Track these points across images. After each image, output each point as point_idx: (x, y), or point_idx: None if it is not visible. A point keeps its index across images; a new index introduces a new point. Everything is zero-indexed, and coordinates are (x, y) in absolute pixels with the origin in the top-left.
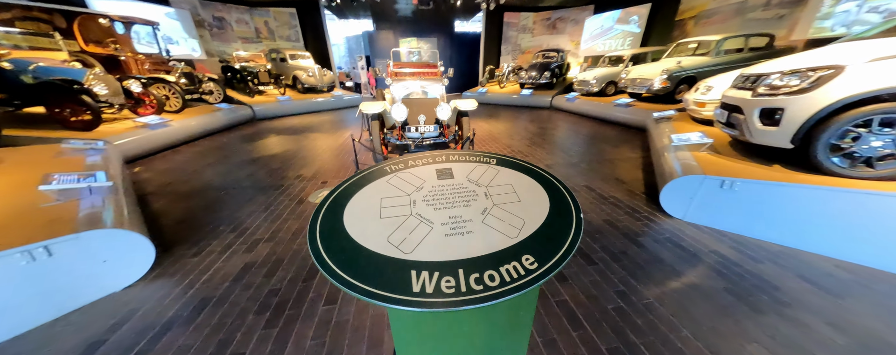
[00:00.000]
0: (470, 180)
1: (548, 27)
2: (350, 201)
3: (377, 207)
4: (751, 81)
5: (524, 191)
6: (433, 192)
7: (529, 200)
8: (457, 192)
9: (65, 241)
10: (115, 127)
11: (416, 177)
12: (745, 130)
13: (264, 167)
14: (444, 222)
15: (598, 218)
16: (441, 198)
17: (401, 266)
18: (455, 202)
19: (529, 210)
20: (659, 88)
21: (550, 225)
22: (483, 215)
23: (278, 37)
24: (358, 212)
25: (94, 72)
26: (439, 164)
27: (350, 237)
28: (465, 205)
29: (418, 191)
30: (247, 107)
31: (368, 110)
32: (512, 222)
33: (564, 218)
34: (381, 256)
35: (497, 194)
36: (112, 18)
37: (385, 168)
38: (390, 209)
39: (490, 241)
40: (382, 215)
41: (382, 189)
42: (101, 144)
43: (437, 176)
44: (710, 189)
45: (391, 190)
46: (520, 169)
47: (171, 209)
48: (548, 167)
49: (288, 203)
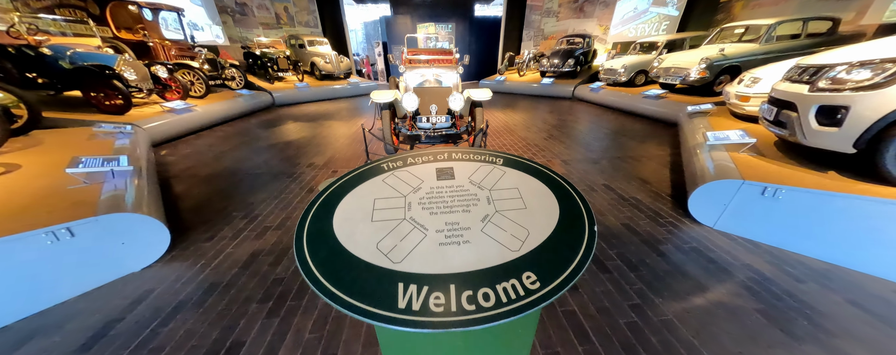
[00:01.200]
0: (472, 182)
1: (575, 10)
2: (343, 200)
3: (370, 208)
4: (809, 74)
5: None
6: (431, 194)
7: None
8: (456, 195)
9: (86, 223)
10: (145, 111)
11: (414, 176)
12: (797, 130)
13: (279, 154)
14: (440, 229)
15: (615, 221)
16: (439, 201)
17: (387, 277)
18: (453, 206)
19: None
20: (696, 79)
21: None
22: (483, 223)
23: (298, 22)
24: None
25: (124, 58)
26: (440, 163)
27: (338, 241)
28: (463, 210)
29: (415, 192)
30: (267, 94)
31: (379, 99)
32: (515, 232)
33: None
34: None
35: (500, 199)
36: (140, 5)
37: (382, 165)
38: (383, 211)
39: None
40: (374, 218)
41: (377, 188)
42: (129, 128)
43: (436, 176)
44: (748, 196)
45: (386, 190)
46: (529, 170)
47: (190, 193)
48: (565, 163)
49: (298, 191)
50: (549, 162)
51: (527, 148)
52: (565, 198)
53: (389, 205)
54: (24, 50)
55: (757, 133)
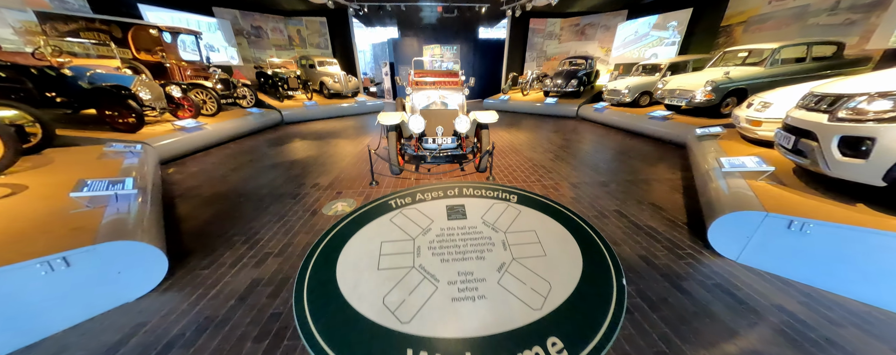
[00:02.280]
0: (485, 222)
1: (576, 33)
2: (348, 242)
3: (376, 253)
4: (827, 103)
5: (551, 240)
6: (441, 237)
7: (557, 254)
8: (469, 238)
9: (83, 252)
10: (156, 129)
11: (423, 215)
12: (819, 160)
13: (284, 173)
14: (452, 280)
15: (632, 252)
16: (450, 245)
17: (395, 341)
18: (466, 252)
19: (557, 269)
20: (702, 101)
21: (584, 293)
22: (499, 273)
23: (309, 44)
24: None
25: (141, 78)
26: (451, 200)
27: (341, 295)
28: (477, 256)
29: (424, 234)
30: (276, 112)
31: (386, 121)
32: (535, 286)
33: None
34: (374, 326)
35: (517, 244)
36: (161, 29)
37: (390, 202)
38: (391, 258)
39: (507, 313)
40: (381, 265)
41: (385, 229)
42: (138, 147)
43: (447, 214)
44: (773, 229)
45: (394, 231)
46: (545, 210)
47: (193, 214)
48: (574, 186)
49: (301, 214)
50: (558, 184)
51: (533, 169)
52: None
53: (397, 250)
54: (46, 70)
55: (772, 159)
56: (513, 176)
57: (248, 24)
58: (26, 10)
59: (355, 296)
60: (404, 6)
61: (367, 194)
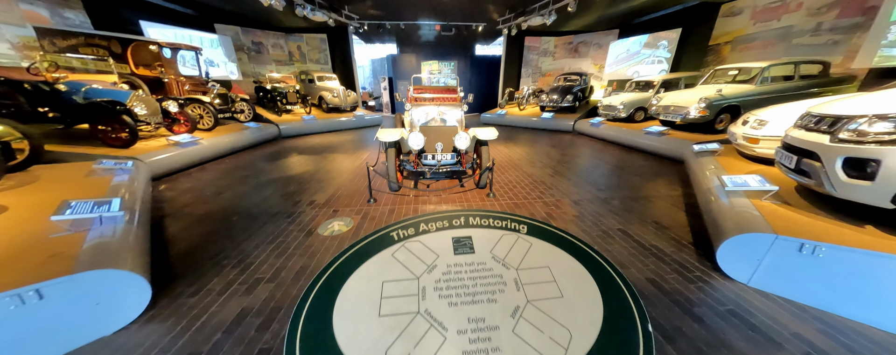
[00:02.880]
0: (495, 257)
1: (570, 51)
2: (347, 282)
3: (377, 296)
4: (827, 124)
5: (567, 278)
6: (448, 275)
7: (574, 295)
8: (478, 277)
9: (58, 283)
10: (150, 144)
11: (427, 249)
12: (823, 181)
13: (280, 190)
14: (462, 329)
15: (639, 275)
16: (458, 285)
17: None
18: (476, 293)
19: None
20: (696, 117)
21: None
22: (514, 319)
23: (309, 60)
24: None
25: (137, 94)
26: (457, 231)
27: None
28: (489, 299)
29: (429, 271)
30: (273, 126)
31: (385, 138)
32: (553, 334)
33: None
34: None
35: (531, 283)
36: (161, 45)
37: (391, 234)
38: (393, 301)
39: None
40: (383, 310)
41: (386, 266)
42: (129, 164)
43: (453, 248)
44: (784, 251)
45: (396, 268)
46: (558, 242)
47: (182, 235)
48: (575, 203)
49: (296, 234)
50: (559, 201)
51: (534, 186)
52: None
53: (400, 291)
54: (40, 85)
55: (774, 177)
56: (513, 192)
57: (248, 40)
58: (26, 25)
59: (354, 349)
60: (403, 24)
61: (364, 212)
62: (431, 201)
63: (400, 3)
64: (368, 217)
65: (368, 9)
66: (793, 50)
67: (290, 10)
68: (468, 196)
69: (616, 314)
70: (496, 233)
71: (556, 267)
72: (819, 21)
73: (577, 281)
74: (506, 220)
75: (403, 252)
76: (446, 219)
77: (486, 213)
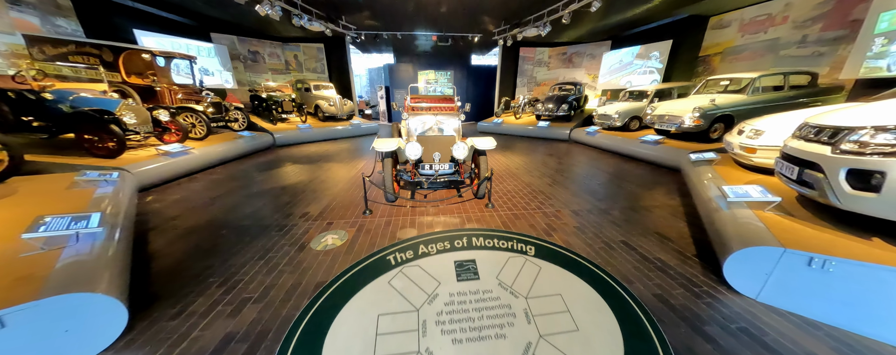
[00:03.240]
0: (502, 284)
1: (564, 61)
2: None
3: (372, 332)
4: (827, 135)
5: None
6: (451, 306)
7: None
8: (485, 308)
9: (22, 310)
10: (138, 154)
11: (428, 274)
12: (827, 192)
13: (273, 201)
14: None
15: (646, 290)
16: (463, 317)
17: None
18: (483, 328)
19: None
20: (691, 126)
21: None
22: None
23: (306, 69)
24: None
25: (127, 102)
26: (459, 253)
27: None
28: (497, 334)
29: (430, 301)
30: (268, 135)
31: (382, 148)
32: None
33: None
34: None
35: (542, 314)
36: (154, 54)
37: (388, 258)
38: (391, 339)
39: None
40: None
41: (382, 296)
42: (114, 175)
43: (456, 273)
44: (792, 265)
45: (394, 298)
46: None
47: (167, 250)
48: (575, 214)
49: (288, 249)
50: (559, 212)
51: (532, 195)
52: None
53: (398, 326)
54: (25, 94)
55: (774, 187)
56: (512, 202)
57: (245, 49)
58: (15, 33)
59: None
60: (400, 35)
61: (360, 224)
62: (429, 212)
63: (397, 14)
64: (364, 229)
65: (365, 19)
66: (780, 61)
67: (287, 20)
68: (466, 207)
69: (637, 351)
70: (502, 256)
71: (569, 295)
72: (804, 34)
73: (591, 310)
74: (512, 240)
75: (401, 279)
76: (447, 239)
77: (489, 233)
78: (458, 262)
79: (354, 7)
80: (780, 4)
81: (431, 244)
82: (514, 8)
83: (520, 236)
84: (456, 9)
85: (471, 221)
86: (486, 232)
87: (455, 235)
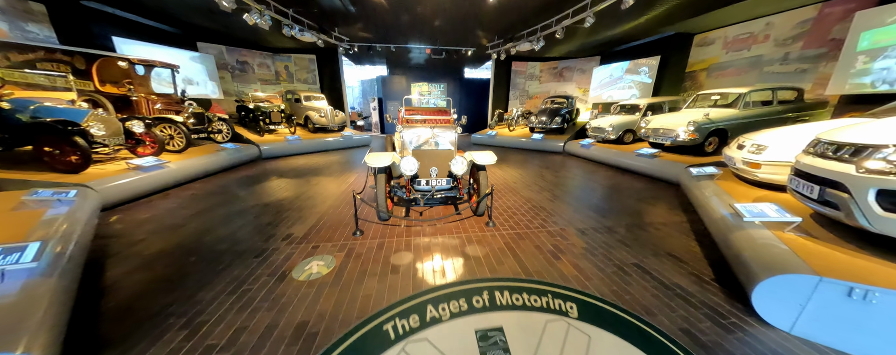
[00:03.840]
0: None
1: (555, 75)
2: None
3: None
4: (848, 152)
5: None
6: None
7: None
8: None
9: None
10: (107, 168)
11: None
12: (855, 214)
13: (253, 221)
14: None
15: (671, 323)
16: None
17: None
18: None
19: None
20: (686, 140)
21: None
22: None
23: (297, 79)
24: None
25: (96, 113)
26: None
27: None
28: None
29: None
30: (253, 147)
31: (375, 163)
32: None
33: None
34: None
35: None
36: (132, 61)
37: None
38: None
39: None
40: None
41: None
42: (71, 194)
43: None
44: (830, 296)
45: None
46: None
47: (125, 282)
48: (581, 233)
49: (266, 279)
50: (564, 231)
51: (535, 212)
52: None
53: None
54: None
55: (787, 204)
56: (513, 220)
57: (233, 58)
58: None
59: None
60: (394, 47)
61: (349, 248)
62: (425, 232)
63: (391, 27)
64: (354, 254)
65: (359, 31)
66: (764, 77)
67: (277, 30)
68: (466, 225)
69: None
70: (537, 320)
71: None
72: (786, 51)
73: None
74: (546, 295)
75: None
76: (463, 295)
77: (517, 284)
78: (481, 333)
79: (348, 18)
80: (761, 24)
81: (442, 303)
82: (509, 22)
83: (555, 289)
84: (451, 22)
85: (472, 242)
86: (511, 283)
87: (473, 289)
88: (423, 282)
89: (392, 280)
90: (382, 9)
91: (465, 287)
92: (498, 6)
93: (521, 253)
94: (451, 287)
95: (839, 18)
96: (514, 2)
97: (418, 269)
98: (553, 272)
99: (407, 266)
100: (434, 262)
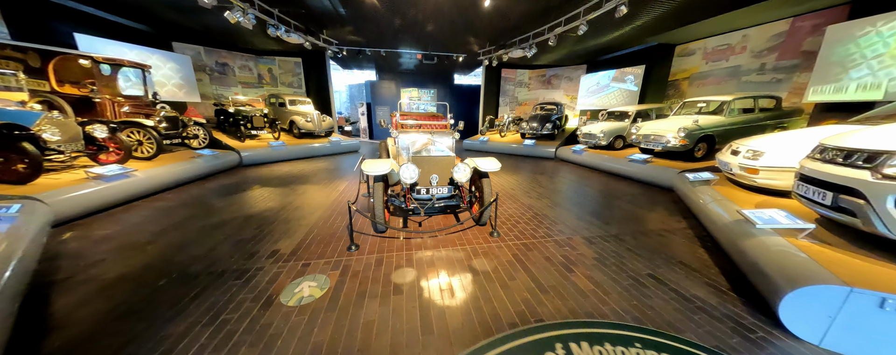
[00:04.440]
0: None
1: (543, 83)
2: None
3: None
4: (862, 158)
5: None
6: None
7: None
8: None
9: None
10: (62, 178)
11: None
12: (874, 221)
13: (233, 235)
14: None
15: (701, 341)
16: None
17: None
18: None
19: None
20: (676, 146)
21: None
22: None
23: (281, 83)
24: None
25: (50, 116)
26: None
27: None
28: None
29: None
30: (233, 153)
31: (372, 171)
32: None
33: None
34: None
35: None
36: (96, 60)
37: None
38: None
39: None
40: None
41: None
42: (14, 209)
43: None
44: (860, 308)
45: None
46: None
47: (77, 313)
48: (588, 242)
49: (249, 305)
50: (571, 239)
51: (538, 221)
52: None
53: None
54: None
55: (794, 210)
56: (517, 229)
57: (212, 60)
58: None
59: None
60: (384, 51)
61: (344, 265)
62: (426, 245)
63: (382, 31)
64: (350, 272)
65: (348, 34)
66: (743, 86)
67: (261, 31)
68: (469, 236)
69: None
70: None
71: None
72: (762, 62)
73: None
74: (634, 344)
75: None
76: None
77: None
78: None
79: (338, 21)
80: (737, 36)
81: None
82: (501, 29)
83: (646, 334)
84: (443, 28)
85: (478, 255)
86: (584, 329)
87: (540, 340)
88: (432, 304)
89: (396, 302)
90: (374, 12)
91: (525, 340)
92: (492, 12)
93: (532, 266)
94: (509, 341)
95: (809, 32)
96: (508, 8)
97: (424, 289)
98: (569, 287)
99: (410, 284)
100: (440, 279)
